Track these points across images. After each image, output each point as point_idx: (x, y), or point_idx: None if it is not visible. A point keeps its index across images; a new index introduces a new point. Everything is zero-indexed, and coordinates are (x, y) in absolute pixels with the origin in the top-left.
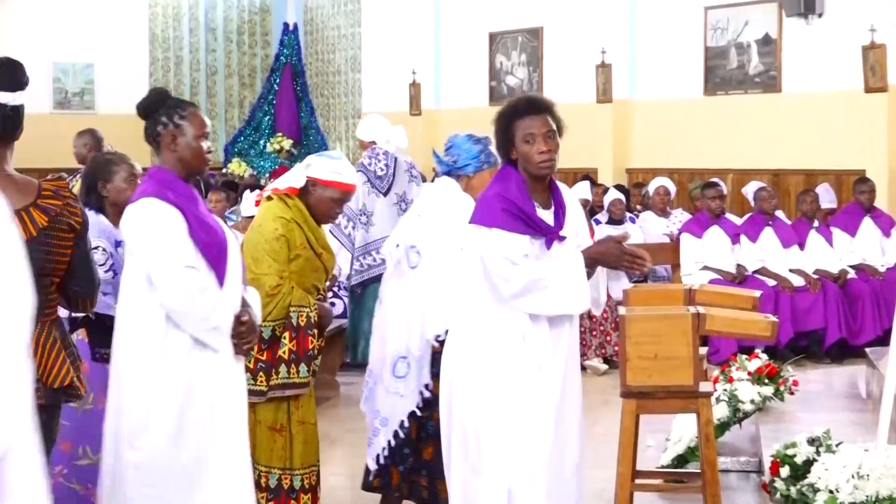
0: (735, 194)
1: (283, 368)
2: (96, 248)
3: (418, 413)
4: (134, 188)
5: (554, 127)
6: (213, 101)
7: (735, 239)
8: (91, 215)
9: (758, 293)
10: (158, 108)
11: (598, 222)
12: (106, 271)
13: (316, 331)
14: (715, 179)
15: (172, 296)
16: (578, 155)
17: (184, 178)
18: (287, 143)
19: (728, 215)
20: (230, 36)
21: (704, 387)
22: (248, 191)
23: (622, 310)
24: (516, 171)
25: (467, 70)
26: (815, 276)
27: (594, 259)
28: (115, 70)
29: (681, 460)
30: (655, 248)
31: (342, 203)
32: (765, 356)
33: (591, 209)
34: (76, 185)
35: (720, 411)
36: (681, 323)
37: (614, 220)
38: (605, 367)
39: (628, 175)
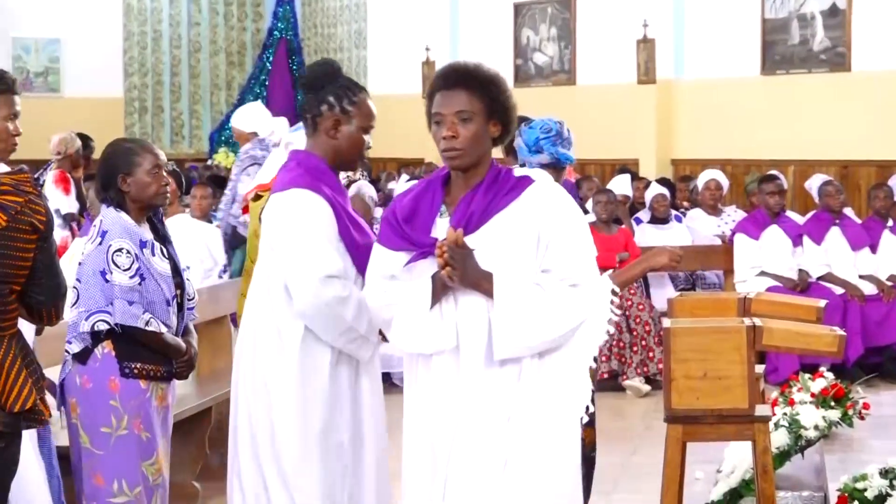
0: (797, 189)
1: None
2: (120, 250)
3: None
4: (160, 181)
5: (471, 107)
6: (197, 83)
7: (797, 240)
8: (111, 213)
9: (823, 303)
10: (326, 85)
11: (639, 221)
12: (131, 276)
13: None
14: (774, 172)
15: (309, 309)
16: (617, 144)
17: (332, 168)
18: None
19: (789, 213)
20: (216, 7)
21: (761, 410)
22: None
23: (666, 322)
24: None
25: (489, 46)
26: (890, 284)
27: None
28: (83, 47)
29: (734, 495)
30: (705, 250)
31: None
32: (831, 375)
33: (632, 206)
34: (48, 179)
35: (779, 439)
36: (734, 337)
37: (658, 219)
38: (648, 387)
39: (674, 167)
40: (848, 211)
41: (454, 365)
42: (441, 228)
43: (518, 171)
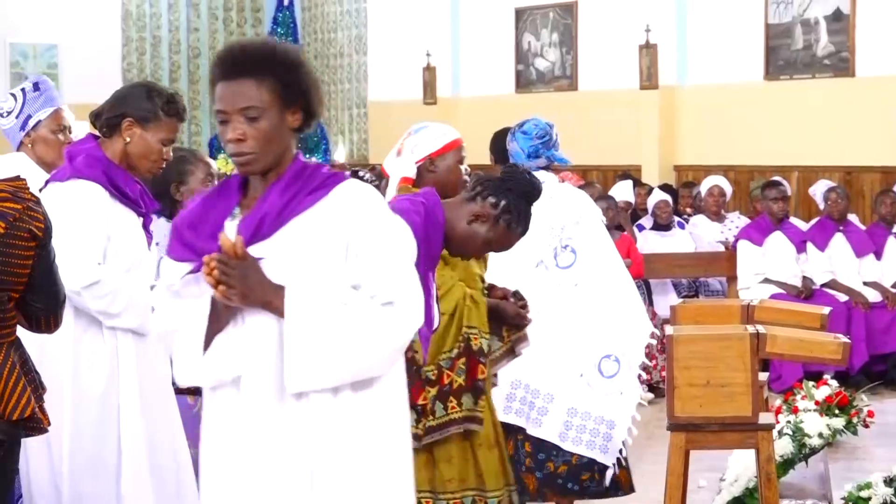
0: (801, 195)
1: (438, 406)
2: None
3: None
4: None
5: (260, 101)
6: (196, 88)
7: (801, 247)
8: (161, 223)
9: (827, 310)
10: (514, 188)
11: (641, 228)
12: None
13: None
14: (777, 178)
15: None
16: (619, 150)
17: None
18: None
19: (792, 219)
20: (215, 13)
21: (765, 418)
22: None
23: (669, 329)
24: None
25: (490, 52)
26: (894, 291)
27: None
28: (81, 53)
29: (737, 503)
30: (708, 257)
31: (463, 161)
32: (835, 383)
33: (634, 212)
34: None
35: (783, 447)
36: (737, 344)
37: (660, 226)
38: (651, 395)
39: (676, 173)
40: (852, 217)
41: (236, 401)
42: (230, 232)
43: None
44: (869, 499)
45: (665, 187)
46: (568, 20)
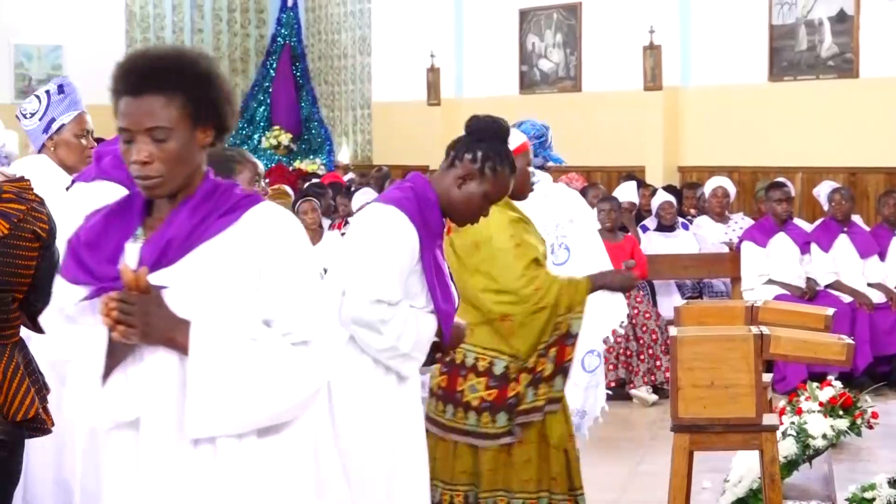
0: (805, 196)
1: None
2: None
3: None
4: (259, 191)
5: (168, 120)
6: None
7: (805, 248)
8: None
9: (831, 311)
10: (487, 140)
11: (645, 229)
12: None
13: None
14: (781, 179)
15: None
16: (623, 151)
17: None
18: (285, 138)
19: (796, 221)
20: (219, 14)
21: (769, 419)
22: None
23: (673, 330)
24: None
25: (494, 53)
26: None
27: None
28: (86, 54)
29: None
30: (712, 258)
31: (530, 163)
32: (839, 384)
33: (639, 213)
34: None
35: (787, 448)
36: (741, 345)
37: (664, 227)
38: (655, 396)
39: (680, 174)
40: (856, 218)
41: (135, 443)
42: (132, 256)
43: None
44: (873, 500)
45: (669, 188)
46: (572, 21)
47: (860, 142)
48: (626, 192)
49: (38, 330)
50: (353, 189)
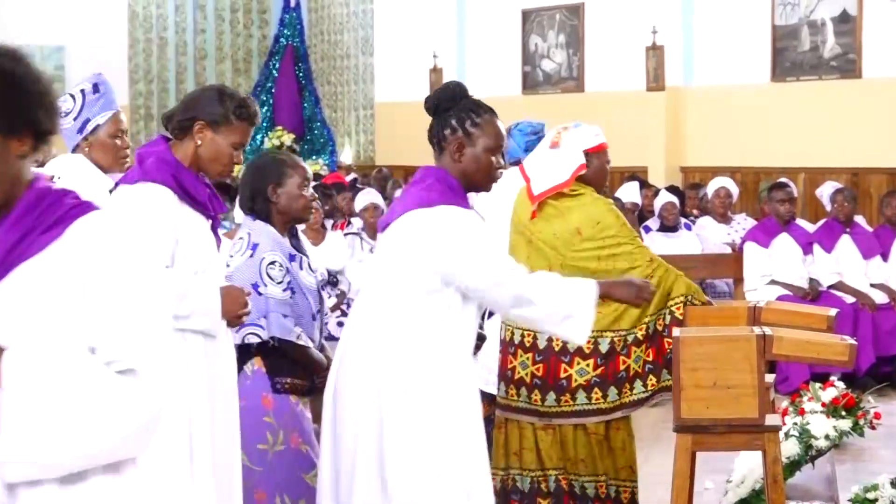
0: (808, 197)
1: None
2: (273, 263)
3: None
4: (308, 196)
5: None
6: None
7: (807, 249)
8: (259, 225)
9: (833, 311)
10: (449, 108)
11: (648, 229)
12: (284, 289)
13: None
14: (784, 180)
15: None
16: (626, 151)
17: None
18: (288, 138)
19: (799, 221)
20: (222, 14)
21: (771, 420)
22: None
23: (676, 331)
24: None
25: (497, 53)
26: None
27: None
28: (88, 54)
29: None
30: (715, 259)
31: (609, 163)
32: (842, 385)
33: (641, 214)
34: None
35: (790, 448)
36: (744, 346)
37: (667, 227)
38: None
39: (683, 175)
40: (859, 219)
41: None
42: None
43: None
44: (875, 500)
45: (672, 189)
46: (575, 22)
47: (863, 142)
48: (629, 193)
49: None
50: (357, 188)
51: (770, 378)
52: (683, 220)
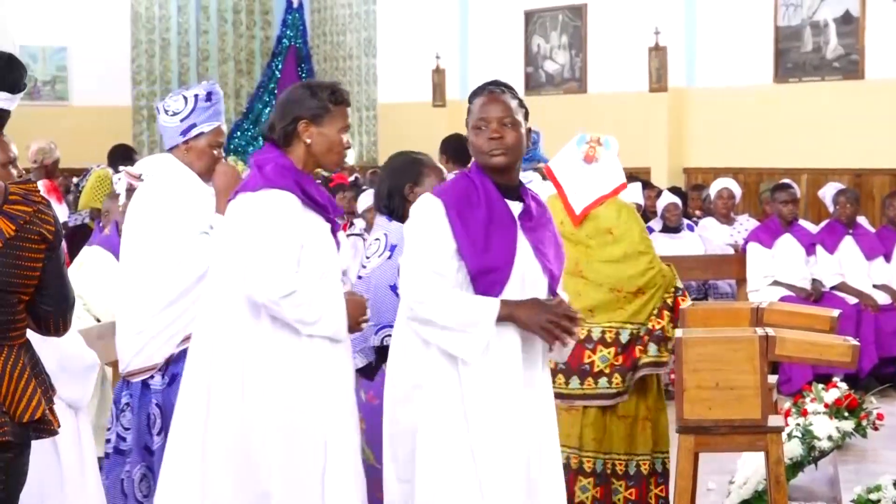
0: (810, 197)
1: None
2: None
3: None
4: None
5: None
6: None
7: (810, 249)
8: (395, 226)
9: (836, 312)
10: None
11: (650, 230)
12: None
13: None
14: (787, 181)
15: None
16: (628, 153)
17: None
18: None
19: (802, 222)
20: (224, 15)
21: (774, 421)
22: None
23: (678, 332)
24: None
25: (499, 54)
26: None
27: None
28: (91, 55)
29: None
30: (717, 260)
31: None
32: (844, 385)
33: (644, 215)
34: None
35: (793, 449)
36: (747, 347)
37: (669, 228)
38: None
39: (686, 175)
40: (862, 220)
41: None
42: None
43: None
44: (878, 501)
45: (674, 189)
46: (577, 23)
47: (865, 143)
48: (632, 194)
49: (44, 333)
50: (361, 189)
51: (773, 379)
52: (686, 221)
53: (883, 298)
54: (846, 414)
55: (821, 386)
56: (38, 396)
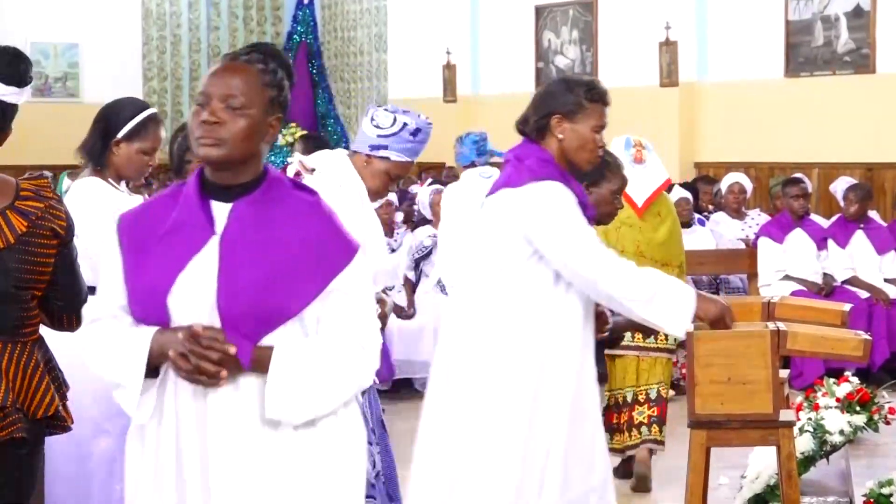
0: (821, 192)
1: None
2: None
3: None
4: (616, 205)
5: None
6: None
7: (821, 244)
8: None
9: (848, 307)
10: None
11: None
12: None
13: None
14: (798, 175)
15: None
16: None
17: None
18: (301, 135)
19: (813, 216)
20: (235, 11)
21: (786, 415)
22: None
23: (690, 326)
24: None
25: (510, 49)
26: None
27: None
28: (102, 52)
29: (758, 501)
30: (729, 254)
31: None
32: (856, 380)
33: None
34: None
35: (804, 444)
36: (758, 342)
37: (681, 223)
38: (671, 392)
39: (697, 170)
40: (873, 214)
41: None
42: None
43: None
44: (891, 495)
45: (686, 184)
46: (588, 17)
47: (877, 137)
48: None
49: (57, 328)
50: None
51: (784, 373)
52: (697, 216)
53: (894, 292)
54: (858, 408)
55: (832, 380)
56: (51, 393)
